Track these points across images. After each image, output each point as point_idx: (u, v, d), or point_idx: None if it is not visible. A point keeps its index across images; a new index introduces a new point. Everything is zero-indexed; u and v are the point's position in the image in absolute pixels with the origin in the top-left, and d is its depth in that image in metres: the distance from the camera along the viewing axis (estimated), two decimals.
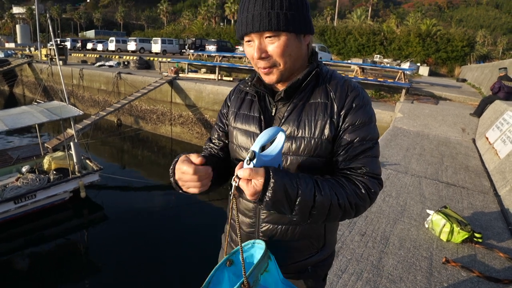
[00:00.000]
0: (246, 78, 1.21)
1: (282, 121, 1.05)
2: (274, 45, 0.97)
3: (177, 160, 1.00)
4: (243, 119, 1.14)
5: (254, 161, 0.88)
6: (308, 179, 0.93)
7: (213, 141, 1.27)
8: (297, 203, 0.90)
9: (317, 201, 0.91)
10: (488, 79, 13.43)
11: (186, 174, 0.94)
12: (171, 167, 1.03)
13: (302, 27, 0.99)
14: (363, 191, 0.97)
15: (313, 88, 1.06)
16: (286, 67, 1.00)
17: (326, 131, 1.01)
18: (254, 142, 1.03)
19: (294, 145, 1.02)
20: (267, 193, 0.87)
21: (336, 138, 1.02)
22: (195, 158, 0.95)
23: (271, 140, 0.93)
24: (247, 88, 1.16)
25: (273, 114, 1.09)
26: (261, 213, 1.10)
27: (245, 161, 0.89)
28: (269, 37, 0.96)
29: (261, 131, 1.07)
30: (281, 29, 0.95)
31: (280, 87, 1.10)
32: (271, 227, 1.09)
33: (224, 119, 1.25)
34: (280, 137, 0.94)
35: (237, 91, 1.23)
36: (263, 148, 0.93)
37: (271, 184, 0.87)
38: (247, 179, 0.88)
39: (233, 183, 0.90)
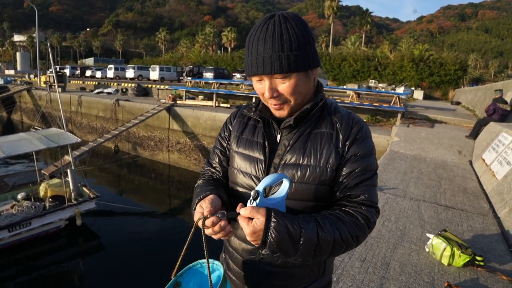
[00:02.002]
0: (250, 104, 1.21)
1: (288, 148, 1.06)
2: (285, 85, 0.99)
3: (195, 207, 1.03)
4: (246, 144, 1.14)
5: (258, 200, 0.90)
6: (309, 218, 0.95)
7: (214, 165, 1.25)
8: (301, 242, 0.90)
9: (321, 238, 0.92)
10: (482, 101, 13.62)
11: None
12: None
13: (311, 63, 1.01)
14: (362, 222, 0.99)
15: (318, 118, 1.09)
16: (297, 102, 1.04)
17: (331, 160, 1.03)
18: (257, 167, 1.07)
19: (299, 173, 1.03)
20: (269, 234, 0.88)
21: (339, 167, 1.04)
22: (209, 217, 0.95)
23: (274, 184, 0.96)
24: (251, 114, 1.16)
25: (277, 140, 1.10)
26: None
27: (249, 200, 0.92)
28: (280, 78, 0.98)
29: (264, 157, 1.08)
30: (292, 71, 0.96)
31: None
32: (272, 254, 1.08)
33: (225, 142, 1.24)
34: (285, 184, 0.96)
35: (239, 115, 1.23)
36: (267, 194, 0.99)
37: (273, 224, 0.88)
38: (247, 218, 0.90)
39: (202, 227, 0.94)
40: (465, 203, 4.38)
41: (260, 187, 0.91)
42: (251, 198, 0.91)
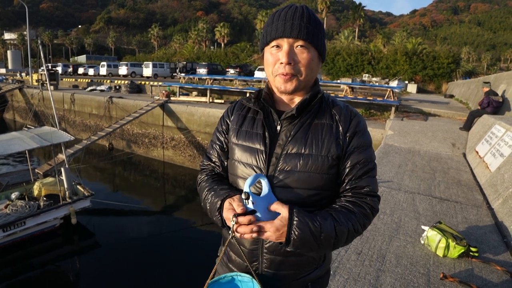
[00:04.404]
0: (249, 95, 1.23)
1: (290, 138, 1.09)
2: (304, 54, 1.05)
3: (222, 205, 1.07)
4: (246, 136, 1.15)
5: (251, 198, 0.95)
6: (325, 214, 1.02)
7: (214, 160, 1.27)
8: (322, 237, 0.98)
9: (338, 232, 1.00)
10: (475, 94, 13.70)
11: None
12: (217, 213, 1.09)
13: (324, 52, 1.12)
14: (368, 211, 1.08)
15: (318, 110, 1.13)
16: (306, 78, 1.08)
17: (332, 150, 1.07)
18: (258, 158, 1.11)
19: (302, 162, 1.06)
20: (292, 231, 0.95)
21: (340, 157, 1.09)
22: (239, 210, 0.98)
23: (254, 183, 1.02)
24: (251, 104, 1.18)
25: (278, 131, 1.12)
26: None
27: (243, 201, 0.97)
28: (302, 46, 1.05)
29: (265, 148, 1.10)
30: (314, 43, 1.06)
31: (287, 105, 1.16)
32: (275, 243, 1.07)
33: (223, 136, 1.25)
34: (264, 182, 1.04)
35: (237, 108, 1.24)
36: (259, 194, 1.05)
37: (295, 222, 0.95)
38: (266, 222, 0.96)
39: (232, 223, 0.95)
40: (459, 195, 4.41)
41: (246, 188, 0.95)
42: (244, 199, 0.96)
